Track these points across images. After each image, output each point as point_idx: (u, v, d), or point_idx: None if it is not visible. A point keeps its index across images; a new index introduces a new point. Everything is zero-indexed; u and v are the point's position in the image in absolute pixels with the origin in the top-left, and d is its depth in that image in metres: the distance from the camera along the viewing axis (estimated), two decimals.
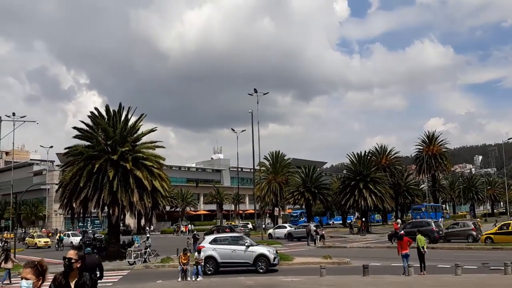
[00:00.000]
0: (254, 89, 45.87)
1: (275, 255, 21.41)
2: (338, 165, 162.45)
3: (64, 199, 30.37)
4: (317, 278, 17.63)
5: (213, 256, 21.39)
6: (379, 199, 52.91)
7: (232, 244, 21.84)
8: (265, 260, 21.06)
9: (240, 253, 21.33)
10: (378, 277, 17.77)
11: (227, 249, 21.54)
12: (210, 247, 21.74)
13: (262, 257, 21.11)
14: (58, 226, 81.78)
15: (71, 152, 31.07)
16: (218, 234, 26.25)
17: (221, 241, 22.23)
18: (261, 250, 21.75)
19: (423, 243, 19.04)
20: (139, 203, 28.82)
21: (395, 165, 71.28)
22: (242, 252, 21.30)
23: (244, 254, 21.26)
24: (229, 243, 21.94)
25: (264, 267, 20.93)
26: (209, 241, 22.40)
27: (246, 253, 21.22)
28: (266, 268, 20.82)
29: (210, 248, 21.64)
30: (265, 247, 23.13)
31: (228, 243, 22.00)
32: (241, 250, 21.36)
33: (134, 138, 31.74)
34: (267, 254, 21.32)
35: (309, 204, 65.20)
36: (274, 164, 68.94)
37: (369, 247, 35.28)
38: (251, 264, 21.08)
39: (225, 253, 21.43)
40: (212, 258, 21.40)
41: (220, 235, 25.37)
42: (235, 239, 22.49)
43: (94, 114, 31.28)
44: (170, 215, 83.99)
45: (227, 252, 21.42)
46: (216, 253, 21.44)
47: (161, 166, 32.28)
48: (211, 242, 22.13)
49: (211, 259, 21.40)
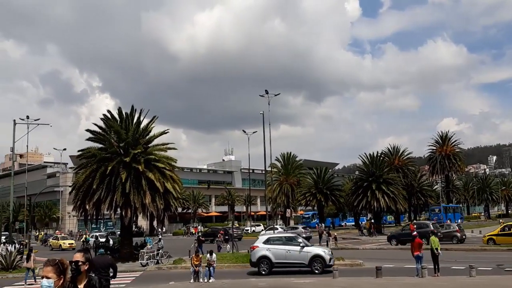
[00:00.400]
0: (265, 90, 45.76)
1: (330, 256, 21.15)
2: (350, 166, 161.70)
3: (77, 201, 30.65)
4: (329, 280, 17.55)
5: (267, 256, 21.12)
6: (392, 200, 52.54)
7: (286, 244, 21.56)
8: (321, 261, 20.76)
9: (295, 253, 21.05)
10: (391, 278, 17.63)
11: (281, 249, 21.26)
12: (264, 247, 21.47)
13: (317, 257, 20.82)
14: (71, 227, 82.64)
15: (84, 155, 31.34)
16: (271, 234, 25.48)
17: (275, 241, 21.94)
18: (317, 250, 21.46)
19: (437, 244, 18.84)
20: (151, 205, 28.97)
21: (408, 166, 70.78)
22: (297, 253, 21.04)
23: (299, 255, 20.99)
24: (283, 243, 21.66)
25: (319, 268, 20.59)
26: (262, 241, 22.10)
27: (301, 254, 20.94)
28: (321, 269, 20.45)
29: (264, 248, 21.37)
30: (320, 248, 22.78)
31: (282, 243, 21.73)
32: (296, 251, 21.08)
33: (146, 140, 31.93)
34: (322, 255, 21.01)
35: (321, 205, 65.02)
36: (286, 166, 68.86)
37: (382, 248, 35.04)
38: (306, 265, 20.79)
39: (279, 253, 21.16)
40: (266, 258, 21.14)
41: (274, 235, 24.84)
42: (289, 239, 22.17)
43: (107, 117, 31.52)
44: (182, 216, 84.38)
45: (281, 252, 21.15)
46: (270, 253, 21.16)
47: (173, 168, 32.41)
48: (265, 242, 21.83)
49: (265, 259, 21.16)
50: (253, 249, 21.62)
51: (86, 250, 4.56)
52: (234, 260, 25.95)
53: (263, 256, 21.19)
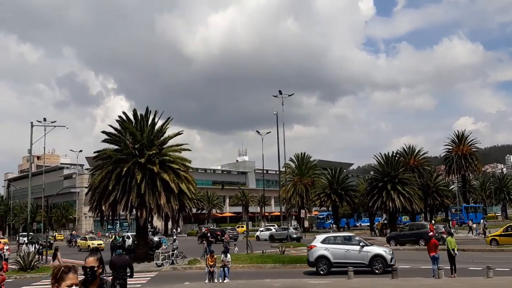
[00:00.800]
0: (279, 90, 45.90)
1: (391, 256, 20.63)
2: (365, 166, 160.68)
3: (93, 202, 31.01)
4: (344, 280, 17.49)
5: (326, 255, 20.81)
6: (408, 201, 52.03)
7: (345, 243, 21.17)
8: (382, 260, 20.31)
9: (354, 253, 20.63)
10: (407, 279, 17.50)
11: (340, 248, 20.86)
12: (322, 246, 21.12)
13: (378, 257, 20.37)
14: (88, 228, 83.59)
15: (100, 156, 31.70)
16: (328, 234, 24.92)
17: (333, 241, 21.56)
18: (377, 250, 20.94)
19: (454, 245, 18.63)
20: (166, 206, 29.16)
21: (424, 166, 70.00)
22: (357, 252, 20.61)
23: (359, 254, 20.55)
24: (342, 243, 21.28)
25: (380, 268, 20.09)
26: (320, 240, 21.74)
27: (361, 253, 20.50)
28: (383, 269, 19.92)
29: (322, 248, 21.03)
30: (381, 248, 22.17)
31: (341, 242, 21.35)
32: (356, 250, 20.66)
33: (161, 142, 32.17)
34: (383, 255, 20.61)
35: (335, 206, 64.70)
36: (300, 166, 68.69)
37: (397, 249, 34.71)
38: (366, 265, 20.35)
39: (338, 253, 20.77)
40: (325, 257, 20.82)
41: (331, 234, 24.29)
42: (348, 239, 21.76)
43: (122, 118, 31.82)
44: (196, 217, 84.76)
45: (340, 252, 20.77)
46: (328, 253, 20.83)
47: (187, 169, 32.58)
48: (323, 242, 21.48)
49: (323, 258, 20.84)
50: (311, 248, 21.18)
51: (96, 252, 4.44)
52: (249, 261, 25.99)
53: (321, 256, 20.83)
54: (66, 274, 3.52)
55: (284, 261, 25.32)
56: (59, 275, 3.51)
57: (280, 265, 24.58)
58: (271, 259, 25.85)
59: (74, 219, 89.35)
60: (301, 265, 24.25)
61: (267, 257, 26.53)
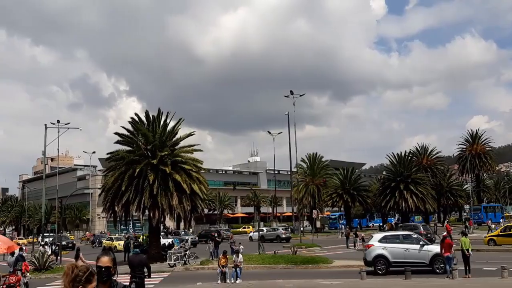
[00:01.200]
0: (290, 90, 45.87)
1: (453, 255, 19.28)
2: (378, 166, 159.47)
3: (106, 203, 31.29)
4: (357, 281, 17.40)
5: (384, 255, 20.21)
6: (421, 201, 51.71)
7: (404, 242, 20.52)
8: (443, 260, 19.21)
9: (414, 252, 19.95)
10: (421, 280, 17.36)
11: (399, 248, 20.23)
12: (379, 245, 20.54)
13: (440, 256, 19.38)
14: (101, 229, 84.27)
15: (113, 157, 31.97)
16: (387, 232, 24.65)
17: (392, 239, 20.94)
18: (438, 249, 19.68)
19: (468, 245, 18.45)
20: (178, 206, 29.31)
21: (437, 165, 69.48)
22: (417, 252, 19.94)
23: (419, 254, 19.89)
24: (401, 242, 20.65)
25: (442, 267, 19.24)
26: (378, 239, 21.22)
27: (421, 253, 19.85)
28: (444, 269, 18.99)
29: (380, 247, 20.45)
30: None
31: (399, 241, 20.71)
32: (415, 249, 19.99)
33: (172, 143, 32.34)
34: None
35: (348, 206, 64.42)
36: (312, 166, 68.49)
37: None
38: (427, 264, 19.69)
39: (397, 252, 20.14)
40: (383, 257, 20.22)
41: (389, 232, 23.50)
42: (406, 237, 21.12)
43: (135, 120, 32.05)
44: (208, 217, 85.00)
45: (399, 251, 20.14)
46: (387, 252, 20.21)
47: (199, 170, 32.70)
48: (381, 241, 20.90)
49: (381, 258, 20.26)
50: (368, 247, 20.80)
51: (109, 253, 4.29)
52: (260, 261, 25.99)
53: (379, 255, 20.29)
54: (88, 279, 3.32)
55: (296, 261, 25.27)
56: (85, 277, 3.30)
57: (292, 266, 24.54)
58: (283, 260, 25.82)
59: (87, 220, 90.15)
60: (313, 266, 24.23)
61: (279, 258, 26.50)
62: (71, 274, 3.27)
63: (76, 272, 3.28)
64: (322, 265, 24.36)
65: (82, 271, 3.30)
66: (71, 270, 3.30)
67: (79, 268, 3.32)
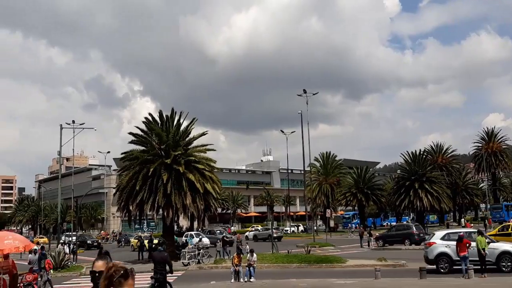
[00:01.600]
0: (303, 89, 45.74)
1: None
2: (392, 165, 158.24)
3: (121, 202, 31.58)
4: (371, 280, 17.29)
5: (447, 253, 19.54)
6: (436, 200, 51.19)
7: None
8: (510, 258, 18.88)
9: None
10: (436, 279, 17.19)
11: None
12: (442, 243, 19.89)
13: (506, 254, 18.85)
14: (115, 228, 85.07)
15: (127, 157, 32.26)
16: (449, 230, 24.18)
17: (455, 237, 19.82)
18: (505, 247, 19.23)
19: (484, 244, 18.20)
20: (192, 205, 29.46)
21: (452, 164, 68.74)
22: None
23: None
24: None
25: (509, 266, 18.72)
26: (440, 237, 20.54)
27: (487, 250, 18.67)
28: (511, 267, 18.62)
29: (442, 245, 19.80)
30: (508, 244, 20.17)
31: None
32: None
33: (186, 142, 32.51)
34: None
35: (361, 205, 64.11)
36: (325, 165, 68.29)
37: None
38: (492, 262, 18.79)
39: None
40: (446, 255, 19.56)
41: (452, 230, 22.81)
42: (470, 234, 20.25)
43: (148, 120, 32.29)
44: (221, 217, 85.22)
45: None
46: (450, 250, 19.40)
47: (212, 169, 32.83)
48: (443, 238, 20.22)
49: (444, 256, 19.61)
50: (429, 245, 20.32)
51: (106, 256, 4.08)
52: (274, 261, 25.97)
53: (442, 253, 19.70)
54: (125, 279, 3.12)
55: (310, 261, 25.21)
56: (116, 279, 3.10)
57: (305, 265, 24.49)
58: (296, 259, 25.78)
59: (102, 219, 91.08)
60: (327, 265, 24.15)
61: (292, 257, 26.47)
62: (107, 274, 3.18)
63: (111, 272, 3.16)
64: (336, 264, 24.27)
65: (118, 271, 3.15)
66: (107, 269, 3.21)
67: (115, 268, 3.18)
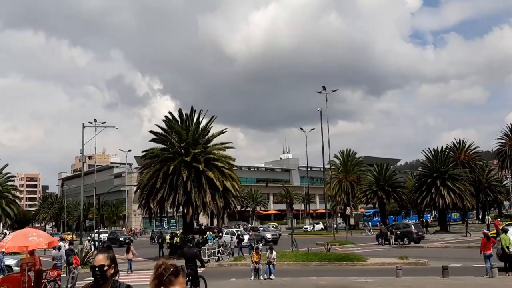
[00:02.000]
0: (323, 86, 45.44)
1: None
2: (413, 162, 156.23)
3: (142, 200, 31.96)
4: (392, 279, 17.11)
5: None
6: (458, 197, 50.34)
7: None
8: None
9: None
10: (459, 278, 16.90)
11: None
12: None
13: None
14: (137, 225, 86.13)
15: (148, 155, 32.61)
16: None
17: None
18: None
19: (508, 242, 17.81)
20: (211, 203, 29.62)
21: (475, 161, 67.42)
22: None
23: None
24: None
25: None
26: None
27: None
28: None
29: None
30: None
31: None
32: None
33: (205, 140, 32.69)
34: None
35: (382, 203, 63.41)
36: (345, 163, 67.80)
37: (448, 247, 33.68)
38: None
39: None
40: None
41: None
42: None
43: (168, 118, 32.58)
44: (241, 214, 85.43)
45: None
46: None
47: (232, 167, 32.93)
48: None
49: None
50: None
51: (108, 250, 3.72)
52: (294, 258, 25.91)
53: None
54: (176, 277, 2.97)
55: (330, 259, 25.07)
56: (166, 278, 2.96)
57: (325, 263, 24.37)
58: (316, 257, 25.68)
59: (124, 216, 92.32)
60: (348, 263, 23.98)
61: (312, 255, 26.37)
62: (156, 272, 3.03)
63: (160, 270, 3.01)
64: (357, 262, 24.09)
65: (168, 269, 3.01)
66: (157, 267, 3.05)
67: (165, 265, 3.03)
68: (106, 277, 3.49)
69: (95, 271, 3.49)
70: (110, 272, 3.51)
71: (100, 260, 3.51)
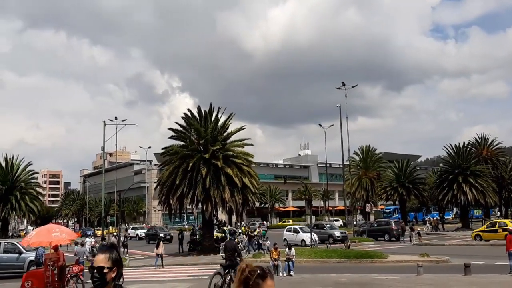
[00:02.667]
0: (342, 82, 45.23)
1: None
2: (434, 158, 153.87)
3: (162, 196, 32.28)
4: (413, 276, 16.94)
5: None
6: (480, 194, 49.50)
7: None
8: None
9: None
10: (481, 276, 16.63)
11: None
12: None
13: None
14: (157, 222, 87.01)
15: (167, 152, 32.91)
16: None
17: None
18: None
19: None
20: (230, 200, 29.73)
21: (498, 157, 66.04)
22: None
23: None
24: None
25: None
26: None
27: None
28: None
29: None
30: None
31: None
32: None
33: (224, 137, 32.80)
34: None
35: (403, 199, 62.69)
36: (365, 159, 67.25)
37: (470, 244, 33.17)
38: None
39: None
40: None
41: None
42: None
43: (187, 115, 32.79)
44: (259, 211, 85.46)
45: None
46: None
47: (250, 163, 32.98)
48: None
49: None
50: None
51: (111, 248, 3.16)
52: (313, 255, 25.86)
53: None
54: (263, 280, 2.71)
55: (350, 256, 24.95)
56: (253, 282, 2.71)
57: (345, 260, 24.26)
58: (336, 254, 25.58)
59: (144, 213, 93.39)
60: (367, 260, 23.81)
61: (332, 252, 26.28)
62: (241, 276, 2.79)
63: (246, 274, 2.78)
64: (377, 259, 23.90)
65: (253, 271, 2.78)
66: (241, 271, 2.81)
67: (250, 268, 2.80)
68: (105, 281, 2.98)
69: (93, 272, 3.02)
70: (111, 275, 3.00)
71: (99, 261, 3.01)
